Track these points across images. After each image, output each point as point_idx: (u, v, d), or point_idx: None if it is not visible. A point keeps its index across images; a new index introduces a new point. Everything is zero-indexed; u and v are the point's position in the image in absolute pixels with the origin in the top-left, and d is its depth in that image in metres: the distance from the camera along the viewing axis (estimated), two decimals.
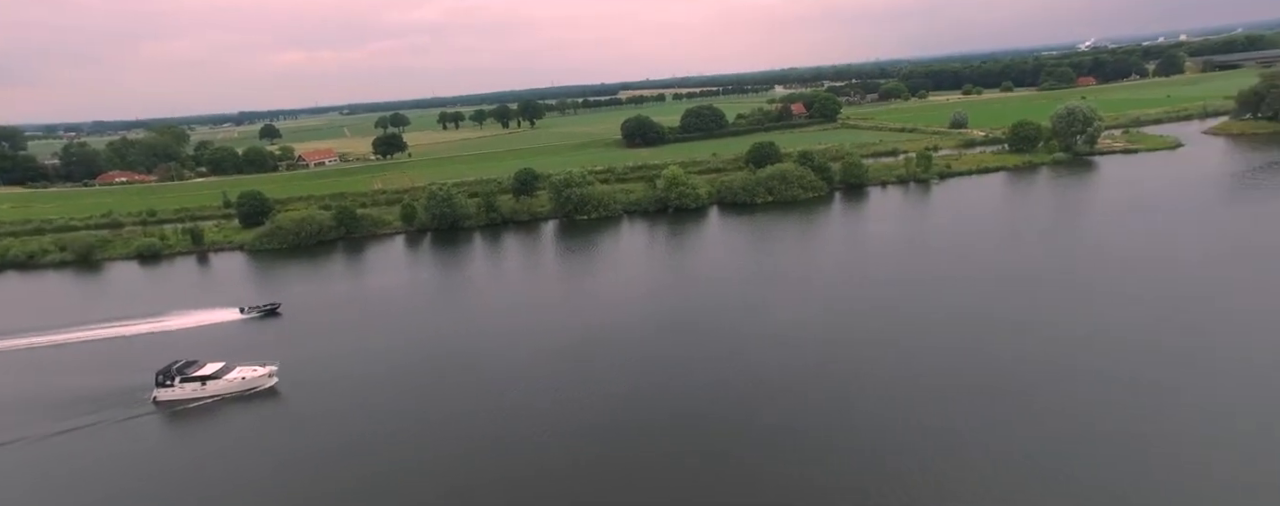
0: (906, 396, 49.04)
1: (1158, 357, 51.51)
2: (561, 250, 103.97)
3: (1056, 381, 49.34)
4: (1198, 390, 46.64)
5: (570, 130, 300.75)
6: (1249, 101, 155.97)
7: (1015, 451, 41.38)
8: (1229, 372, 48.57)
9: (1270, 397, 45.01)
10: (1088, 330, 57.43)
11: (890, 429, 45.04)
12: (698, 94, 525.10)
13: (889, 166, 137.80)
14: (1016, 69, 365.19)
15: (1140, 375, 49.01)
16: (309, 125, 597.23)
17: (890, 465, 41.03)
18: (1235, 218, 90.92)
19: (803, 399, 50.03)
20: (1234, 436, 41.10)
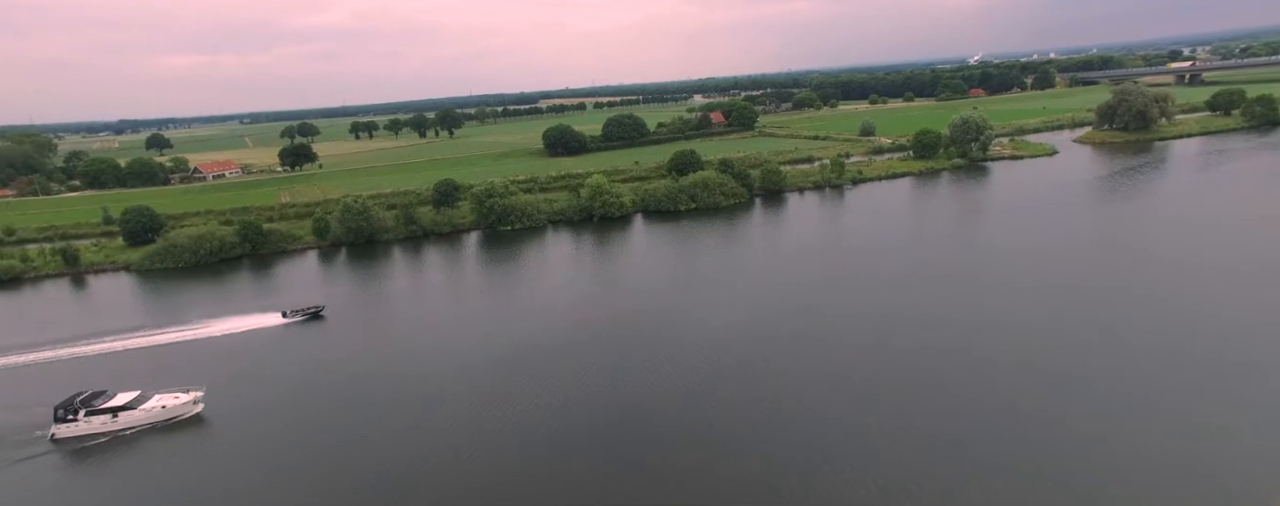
0: (833, 392, 50.50)
1: (1057, 342, 55.55)
2: (486, 261, 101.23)
3: (968, 370, 52.22)
4: (1097, 372, 50.49)
5: (491, 140, 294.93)
6: (1105, 114, 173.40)
7: (938, 438, 43.32)
8: (1120, 352, 52.95)
9: (1157, 374, 49.38)
10: (993, 320, 61.29)
11: (819, 423, 46.16)
12: (618, 103, 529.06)
13: (805, 173, 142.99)
14: (917, 81, 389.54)
15: (1041, 359, 52.66)
16: (204, 135, 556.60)
17: (823, 458, 41.97)
18: (1105, 216, 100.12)
19: (734, 400, 50.55)
20: (1134, 412, 44.71)
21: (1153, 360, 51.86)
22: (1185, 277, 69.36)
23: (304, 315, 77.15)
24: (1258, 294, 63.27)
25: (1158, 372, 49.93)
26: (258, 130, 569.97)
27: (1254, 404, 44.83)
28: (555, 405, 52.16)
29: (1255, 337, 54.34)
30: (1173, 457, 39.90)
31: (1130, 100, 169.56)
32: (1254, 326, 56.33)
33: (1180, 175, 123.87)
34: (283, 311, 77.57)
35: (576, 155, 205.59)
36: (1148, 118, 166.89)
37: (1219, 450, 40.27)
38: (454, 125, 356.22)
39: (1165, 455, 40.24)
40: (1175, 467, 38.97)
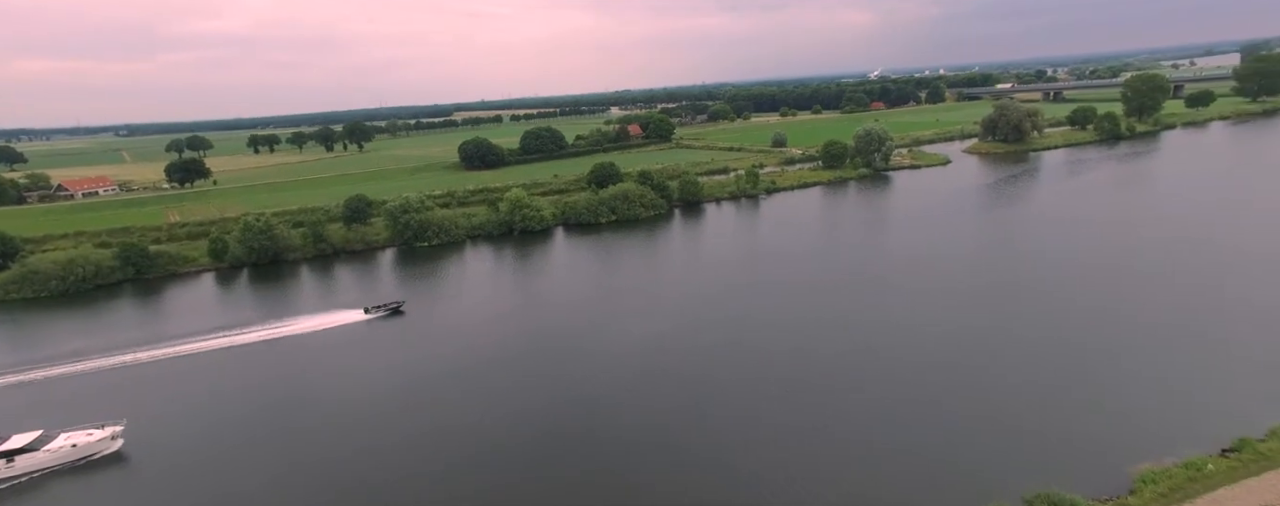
0: (755, 395, 52.06)
1: (958, 338, 59.72)
2: (403, 279, 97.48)
3: (881, 368, 55.22)
4: (989, 362, 54.65)
5: (403, 153, 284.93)
6: (989, 127, 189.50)
7: (856, 436, 45.49)
8: (1009, 343, 57.58)
9: (1036, 358, 54.05)
10: (901, 321, 65.12)
11: (745, 427, 47.44)
12: (535, 115, 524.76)
13: (722, 183, 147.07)
14: (823, 94, 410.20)
15: (943, 355, 56.46)
16: (71, 148, 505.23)
17: (749, 460, 43.11)
18: (993, 220, 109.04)
19: (660, 407, 51.07)
20: (1021, 395, 48.64)
21: (1034, 348, 56.66)
22: (1061, 274, 76.42)
23: (386, 310, 78.83)
24: (1118, 286, 70.68)
25: (1037, 357, 54.62)
26: (137, 144, 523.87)
27: (1113, 380, 49.94)
28: (482, 422, 50.90)
29: (1117, 323, 60.61)
30: (1054, 432, 43.71)
31: (1008, 115, 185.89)
32: (1116, 314, 62.83)
33: (1051, 182, 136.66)
34: (365, 307, 79.49)
35: (494, 168, 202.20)
36: (1022, 131, 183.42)
37: (1087, 423, 44.53)
38: (364, 138, 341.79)
39: (1049, 430, 44.02)
40: (1058, 441, 42.70)
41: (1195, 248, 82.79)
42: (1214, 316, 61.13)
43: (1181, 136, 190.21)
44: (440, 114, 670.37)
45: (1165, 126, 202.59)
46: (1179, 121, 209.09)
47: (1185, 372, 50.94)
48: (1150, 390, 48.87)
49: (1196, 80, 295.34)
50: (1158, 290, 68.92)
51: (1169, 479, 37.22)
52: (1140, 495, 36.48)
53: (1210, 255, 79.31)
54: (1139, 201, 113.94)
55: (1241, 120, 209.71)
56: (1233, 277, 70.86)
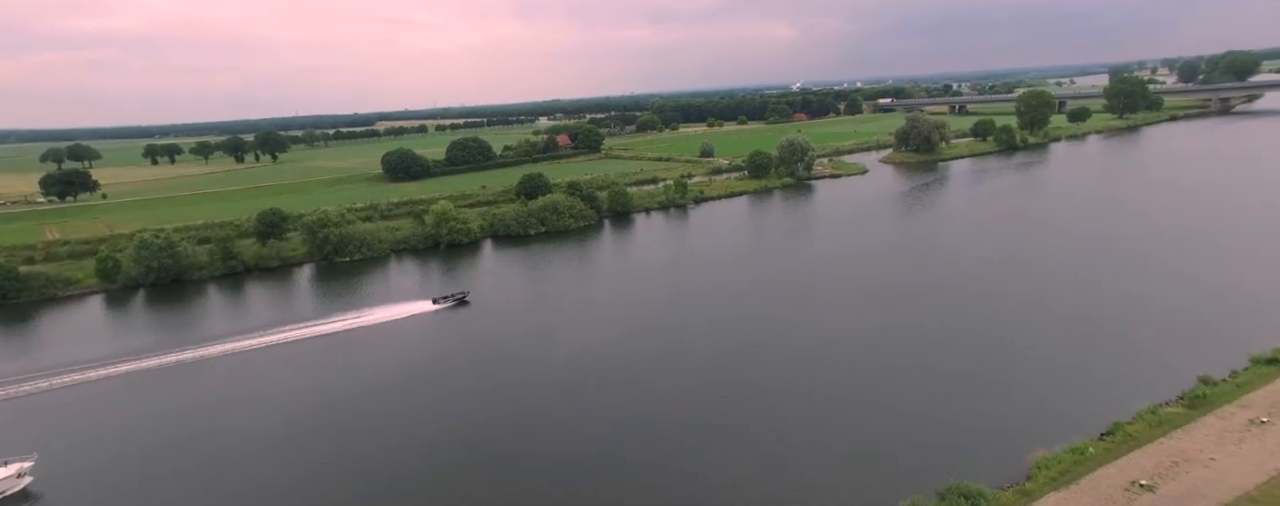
0: (682, 398, 52.94)
1: (873, 339, 62.79)
2: (321, 296, 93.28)
3: (802, 370, 57.29)
4: (905, 363, 57.75)
5: (322, 164, 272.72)
6: (902, 137, 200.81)
7: (780, 436, 46.97)
8: (918, 347, 61.05)
9: (949, 354, 57.57)
10: (822, 323, 67.84)
11: (672, 429, 48.15)
12: (461, 125, 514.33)
13: (651, 193, 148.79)
14: (748, 105, 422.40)
15: (862, 357, 59.24)
16: None
17: (676, 461, 43.75)
18: (909, 225, 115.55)
19: (593, 416, 51.12)
20: (936, 389, 51.67)
21: (940, 345, 60.29)
22: (964, 275, 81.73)
23: (453, 300, 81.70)
24: (1013, 285, 76.37)
25: (943, 354, 58.17)
26: (3, 152, 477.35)
27: (1010, 374, 53.92)
28: (411, 441, 49.37)
29: (1012, 319, 65.46)
30: (961, 425, 46.70)
31: (919, 127, 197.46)
32: (1010, 310, 67.86)
33: (958, 190, 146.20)
34: (433, 298, 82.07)
35: (419, 180, 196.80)
36: (932, 142, 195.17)
37: (989, 416, 47.86)
38: (278, 149, 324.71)
39: (957, 424, 46.97)
40: (965, 434, 45.66)
41: (1079, 247, 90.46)
42: (1091, 309, 66.93)
43: (1066, 148, 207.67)
44: (362, 123, 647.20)
45: (1053, 139, 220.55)
46: (1063, 134, 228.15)
47: (1070, 363, 55.49)
48: (1041, 381, 52.98)
49: (1075, 97, 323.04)
50: (1046, 287, 74.82)
51: (1058, 464, 40.46)
52: (1036, 480, 39.45)
53: (1092, 253, 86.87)
54: (1033, 206, 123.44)
55: (1112, 134, 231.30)
56: (1109, 272, 77.91)
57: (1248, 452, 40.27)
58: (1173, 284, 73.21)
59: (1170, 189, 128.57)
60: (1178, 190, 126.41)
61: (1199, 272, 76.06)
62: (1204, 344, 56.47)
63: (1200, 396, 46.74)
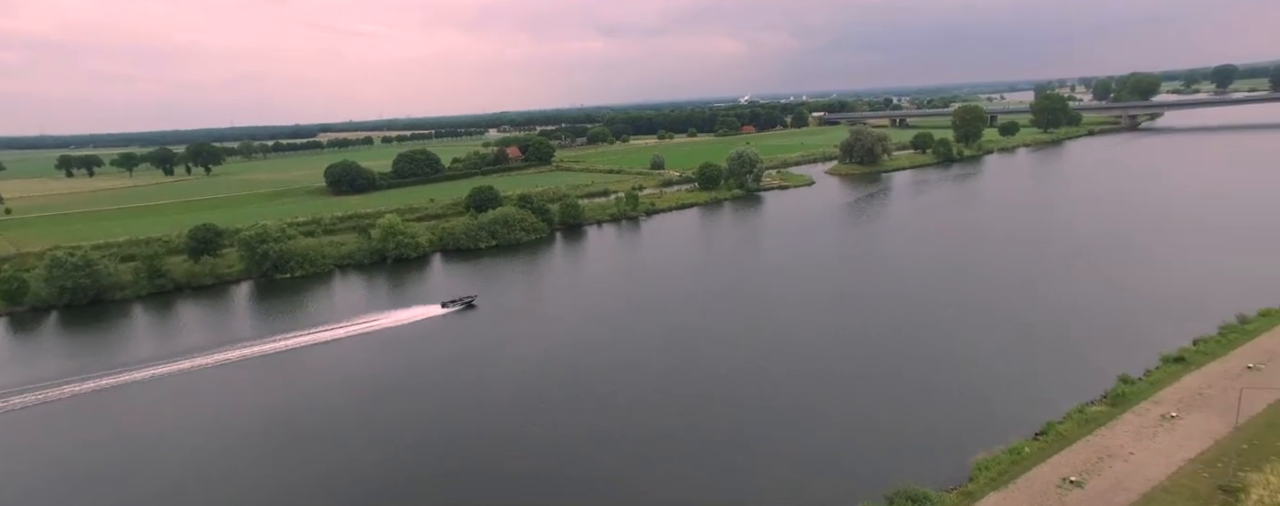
0: (636, 409, 52.98)
1: (821, 347, 64.34)
2: (260, 315, 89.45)
3: (754, 378, 58.16)
4: (853, 369, 59.35)
5: (261, 177, 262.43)
6: (847, 150, 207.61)
7: (735, 444, 47.48)
8: (865, 353, 62.89)
9: (896, 360, 59.47)
10: (773, 332, 69.10)
11: (627, 440, 48.12)
12: (408, 137, 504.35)
13: (602, 206, 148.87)
14: (698, 117, 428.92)
15: (812, 366, 60.56)
16: None
17: (633, 471, 43.68)
18: (855, 236, 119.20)
19: (543, 433, 50.58)
20: (883, 401, 53.22)
21: (885, 352, 62.36)
22: (908, 283, 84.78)
23: (461, 304, 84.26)
24: (952, 292, 79.69)
25: (889, 360, 60.18)
26: None
27: (952, 378, 56.15)
28: (344, 469, 47.70)
29: (951, 325, 68.23)
30: (907, 430, 48.28)
31: (862, 139, 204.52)
32: (949, 316, 70.74)
33: (901, 201, 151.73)
34: (442, 302, 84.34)
35: (364, 193, 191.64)
36: (875, 154, 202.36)
37: (933, 420, 49.68)
38: (212, 161, 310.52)
39: (903, 428, 48.54)
40: (911, 438, 47.17)
41: (1011, 255, 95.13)
42: (1023, 314, 70.47)
43: (999, 160, 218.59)
44: (303, 135, 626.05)
45: (986, 151, 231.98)
46: (996, 147, 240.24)
47: (1006, 367, 58.18)
48: (980, 385, 55.32)
49: (1005, 112, 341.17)
50: (982, 294, 78.33)
51: (998, 464, 42.26)
52: (977, 481, 41.07)
53: (1022, 261, 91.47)
54: (970, 216, 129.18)
55: (1039, 147, 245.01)
56: (1039, 278, 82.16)
57: (1160, 446, 43.00)
58: (1095, 288, 77.72)
59: (1090, 199, 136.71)
60: (1096, 200, 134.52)
61: (1116, 277, 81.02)
62: (1122, 344, 60.08)
63: (1121, 395, 49.69)
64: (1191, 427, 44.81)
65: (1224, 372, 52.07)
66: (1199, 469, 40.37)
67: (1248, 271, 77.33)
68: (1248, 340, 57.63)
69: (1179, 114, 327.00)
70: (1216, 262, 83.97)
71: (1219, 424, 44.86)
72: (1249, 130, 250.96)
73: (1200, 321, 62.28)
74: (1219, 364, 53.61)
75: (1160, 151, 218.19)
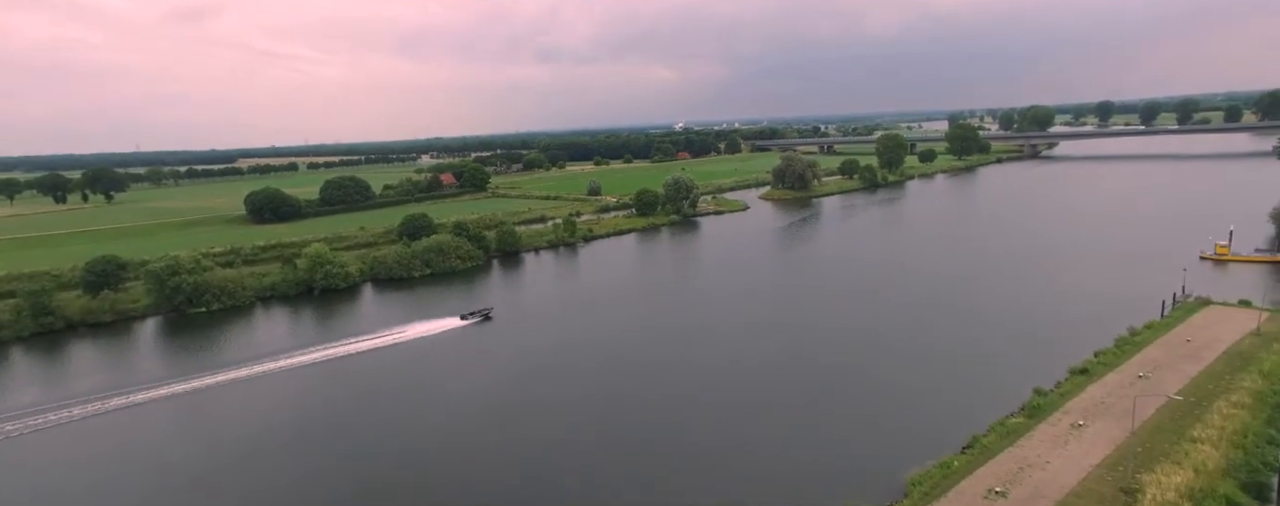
0: (578, 443, 52.35)
1: (757, 372, 65.54)
2: (170, 351, 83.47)
3: (695, 408, 58.55)
4: (791, 394, 60.63)
5: (173, 205, 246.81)
6: (779, 175, 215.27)
7: (677, 479, 47.50)
8: (802, 377, 64.50)
9: (825, 381, 61.20)
10: (709, 362, 69.90)
11: (572, 471, 47.35)
12: (337, 163, 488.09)
13: (540, 232, 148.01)
14: (634, 144, 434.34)
15: (746, 397, 61.55)
16: None
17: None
18: (788, 259, 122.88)
19: (478, 473, 49.14)
20: (821, 423, 54.55)
21: (821, 375, 64.37)
22: (838, 305, 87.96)
23: (479, 316, 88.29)
24: (880, 313, 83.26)
25: (825, 383, 62.09)
26: None
27: (886, 398, 58.39)
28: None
29: (882, 346, 71.10)
30: (844, 450, 49.74)
31: (793, 165, 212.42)
32: (880, 337, 73.78)
33: (831, 225, 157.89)
34: (461, 314, 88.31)
35: (289, 222, 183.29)
36: (805, 179, 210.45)
37: (867, 440, 51.44)
38: (114, 188, 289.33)
39: (840, 449, 49.96)
40: (848, 458, 48.61)
41: (934, 278, 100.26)
42: (947, 333, 74.20)
43: (919, 185, 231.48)
44: (221, 160, 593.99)
45: (908, 176, 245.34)
46: (917, 173, 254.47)
47: (934, 385, 60.86)
48: (912, 404, 57.65)
49: (924, 140, 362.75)
50: (909, 316, 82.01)
51: (929, 479, 44.00)
52: (911, 496, 42.59)
53: (945, 282, 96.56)
54: (893, 241, 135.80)
55: (955, 173, 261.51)
56: (961, 298, 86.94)
57: (1071, 453, 45.98)
58: (1007, 307, 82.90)
59: (1001, 222, 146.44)
60: (1006, 223, 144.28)
61: (1026, 296, 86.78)
62: (1035, 359, 64.09)
63: (1036, 407, 52.90)
64: (1096, 434, 48.14)
65: (1120, 382, 56.38)
66: (1104, 473, 43.33)
67: (1135, 287, 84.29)
68: (1138, 351, 62.75)
69: (1071, 144, 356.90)
70: (1109, 279, 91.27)
71: (1118, 430, 48.39)
72: (1128, 160, 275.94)
73: (1099, 335, 67.36)
74: (1116, 374, 58.03)
75: (1059, 177, 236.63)
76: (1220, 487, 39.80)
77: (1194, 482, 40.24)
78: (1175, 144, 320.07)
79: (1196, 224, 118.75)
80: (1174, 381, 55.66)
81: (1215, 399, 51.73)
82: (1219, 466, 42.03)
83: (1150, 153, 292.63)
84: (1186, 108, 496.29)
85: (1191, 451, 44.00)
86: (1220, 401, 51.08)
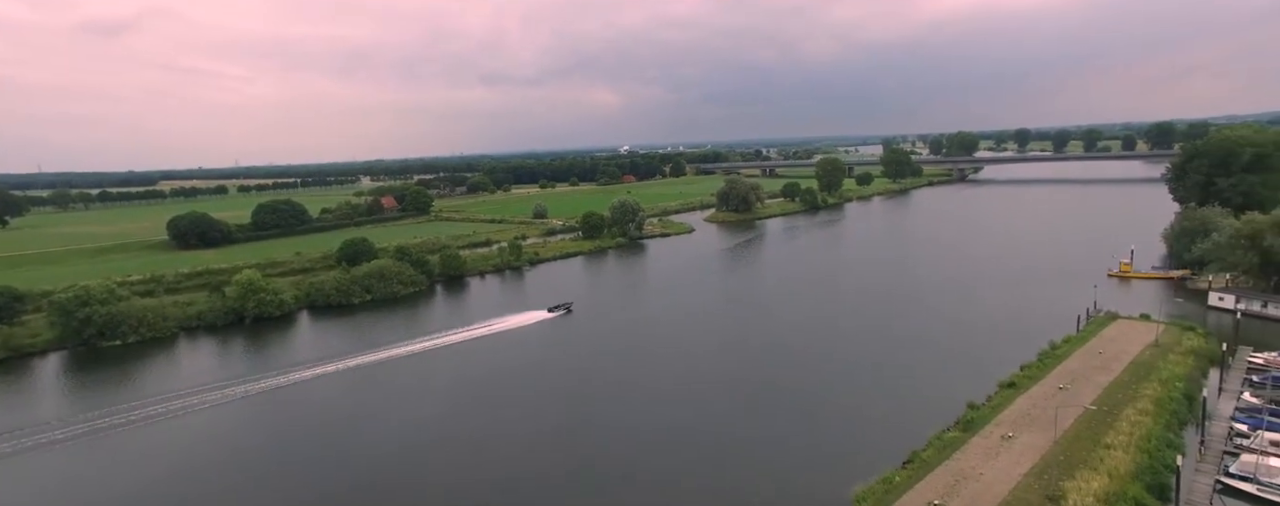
0: (531, 469, 51.43)
1: (703, 394, 66.17)
2: (76, 389, 77.49)
3: (642, 432, 58.47)
4: (737, 414, 61.35)
5: (82, 230, 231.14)
6: (723, 198, 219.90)
7: (637, 495, 47.14)
8: (747, 398, 65.44)
9: (767, 400, 62.25)
10: (657, 385, 70.14)
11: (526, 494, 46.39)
12: (270, 186, 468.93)
13: (485, 256, 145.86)
14: (579, 166, 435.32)
15: (693, 423, 62.02)
16: None
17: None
18: (733, 281, 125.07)
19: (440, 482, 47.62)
20: (765, 442, 55.30)
21: (764, 395, 65.43)
22: (781, 325, 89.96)
23: (563, 310, 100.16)
24: (822, 332, 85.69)
25: (768, 403, 63.18)
26: None
27: (828, 416, 59.89)
28: None
29: (825, 365, 73.10)
30: (789, 466, 50.56)
31: (737, 188, 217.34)
32: (824, 356, 75.84)
33: (774, 246, 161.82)
34: (547, 307, 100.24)
35: (218, 247, 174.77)
36: (749, 202, 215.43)
37: (814, 456, 52.54)
38: (10, 211, 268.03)
39: (785, 465, 50.76)
40: (794, 473, 49.43)
41: (871, 296, 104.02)
42: (886, 352, 76.85)
43: (857, 207, 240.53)
44: (140, 183, 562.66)
45: (847, 199, 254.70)
46: (855, 196, 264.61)
47: (875, 402, 62.72)
48: (855, 421, 59.20)
49: (861, 164, 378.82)
50: (849, 334, 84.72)
51: (873, 495, 45.21)
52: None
53: (881, 302, 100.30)
54: (834, 261, 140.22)
55: (890, 196, 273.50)
56: (897, 317, 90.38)
57: (1002, 464, 48.25)
58: (944, 323, 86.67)
59: (934, 243, 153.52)
60: (938, 243, 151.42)
61: (960, 312, 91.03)
62: (968, 374, 67.00)
63: (970, 420, 55.32)
64: (1024, 445, 50.70)
65: (1043, 394, 59.73)
66: (1031, 481, 45.62)
67: (1054, 302, 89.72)
68: (1058, 363, 66.72)
69: (995, 168, 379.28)
70: (1031, 295, 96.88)
71: (1043, 439, 51.14)
72: (1044, 184, 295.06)
73: (1024, 348, 71.34)
74: (1039, 386, 61.45)
75: (984, 200, 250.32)
76: (1130, 490, 42.77)
77: (1109, 487, 43.02)
78: (1082, 169, 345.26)
79: (1104, 243, 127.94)
80: (1089, 392, 59.37)
81: (1124, 407, 55.47)
82: (1129, 470, 45.07)
83: (1062, 177, 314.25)
84: (1091, 136, 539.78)
85: (1105, 457, 47.01)
86: (1128, 409, 54.82)
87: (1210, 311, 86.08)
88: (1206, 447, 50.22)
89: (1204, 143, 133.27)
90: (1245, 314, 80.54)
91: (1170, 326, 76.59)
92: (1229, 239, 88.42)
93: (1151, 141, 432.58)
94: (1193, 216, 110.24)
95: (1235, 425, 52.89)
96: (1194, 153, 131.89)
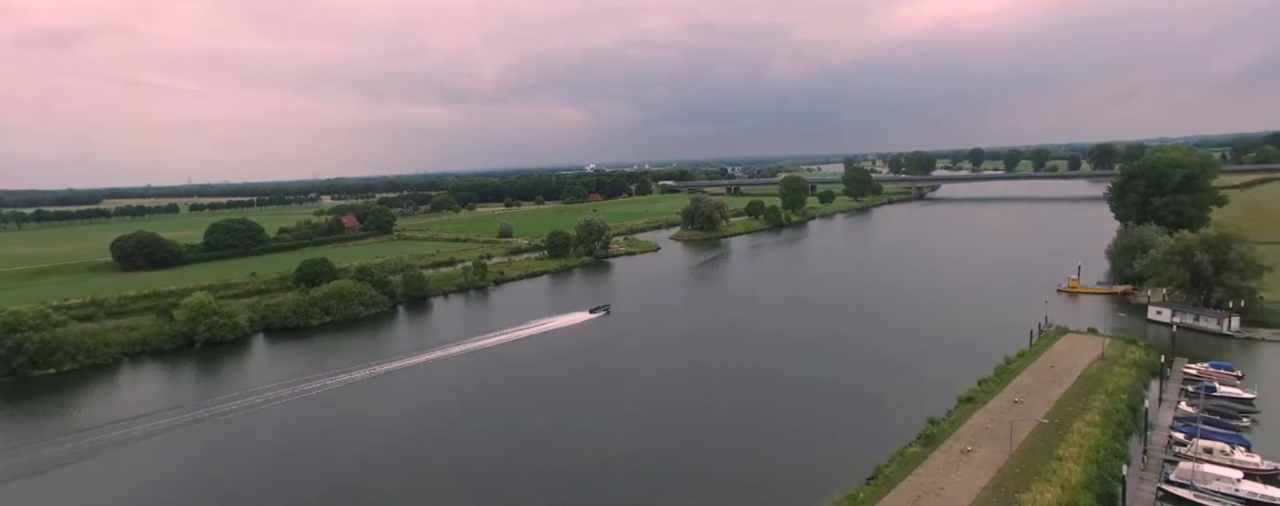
0: (504, 487, 50.31)
1: (669, 413, 65.97)
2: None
3: (621, 450, 57.95)
4: (705, 430, 61.24)
5: (17, 251, 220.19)
6: (688, 216, 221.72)
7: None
8: (715, 416, 65.47)
9: (734, 412, 62.34)
10: (616, 408, 69.69)
11: None
12: (225, 204, 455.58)
13: (449, 276, 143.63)
14: (545, 185, 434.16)
15: (659, 445, 61.70)
16: None
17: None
18: (700, 299, 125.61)
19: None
20: (733, 458, 55.21)
21: (730, 412, 65.72)
22: (745, 344, 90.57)
23: (602, 310, 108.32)
24: (788, 352, 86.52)
25: (733, 420, 63.38)
26: None
27: (793, 433, 60.29)
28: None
29: (789, 384, 73.67)
30: (758, 482, 50.59)
31: (702, 206, 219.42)
32: (786, 375, 76.48)
33: (739, 264, 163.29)
34: (590, 308, 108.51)
35: (167, 268, 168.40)
36: (714, 220, 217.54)
37: (782, 472, 52.65)
38: None
39: (753, 483, 50.76)
40: (762, 490, 49.45)
41: (833, 315, 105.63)
42: (849, 371, 77.98)
43: (820, 224, 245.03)
44: (81, 201, 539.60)
45: (810, 217, 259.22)
46: (818, 213, 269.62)
47: (839, 420, 63.48)
48: (820, 439, 59.72)
49: (823, 182, 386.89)
50: (812, 355, 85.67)
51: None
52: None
53: (842, 321, 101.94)
54: (797, 280, 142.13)
55: (852, 213, 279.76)
56: (857, 336, 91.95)
57: (962, 478, 49.13)
58: (905, 339, 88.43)
59: (893, 261, 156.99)
60: (898, 262, 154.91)
61: (920, 327, 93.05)
62: (927, 390, 68.26)
63: (931, 435, 56.27)
64: (983, 458, 51.76)
65: (1000, 408, 61.23)
66: (989, 495, 46.52)
67: (1008, 317, 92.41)
68: (1013, 378, 68.59)
69: (951, 186, 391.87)
70: (987, 311, 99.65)
71: (999, 453, 52.32)
72: (997, 201, 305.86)
73: (982, 362, 73.18)
74: (996, 401, 63.00)
75: (941, 218, 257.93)
76: (1080, 501, 44.23)
77: (1061, 498, 44.31)
78: (1032, 188, 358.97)
79: (1053, 260, 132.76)
80: (1042, 405, 61.12)
81: (1074, 419, 57.27)
82: (1080, 480, 46.50)
83: (1013, 195, 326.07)
84: (1041, 156, 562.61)
85: (1058, 469, 48.35)
86: (1078, 421, 56.62)
87: (1150, 325, 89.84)
88: (1149, 456, 52.16)
89: (1140, 164, 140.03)
90: (1181, 326, 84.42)
91: (1115, 340, 79.63)
92: (1164, 255, 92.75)
93: (1095, 162, 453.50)
94: (1131, 234, 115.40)
95: (1174, 434, 55.08)
96: (1132, 173, 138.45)
